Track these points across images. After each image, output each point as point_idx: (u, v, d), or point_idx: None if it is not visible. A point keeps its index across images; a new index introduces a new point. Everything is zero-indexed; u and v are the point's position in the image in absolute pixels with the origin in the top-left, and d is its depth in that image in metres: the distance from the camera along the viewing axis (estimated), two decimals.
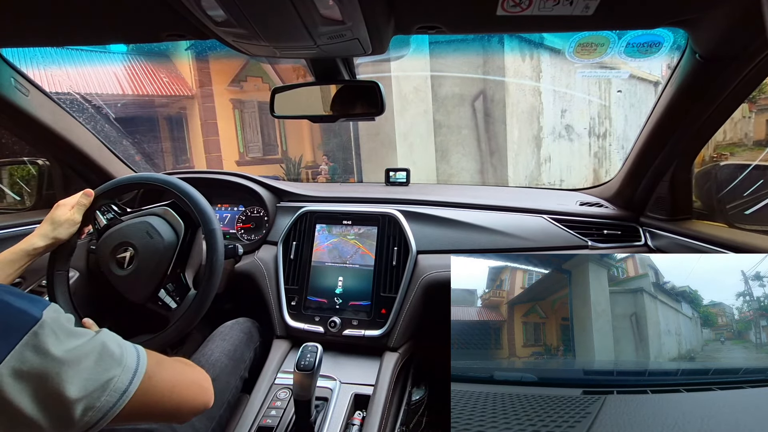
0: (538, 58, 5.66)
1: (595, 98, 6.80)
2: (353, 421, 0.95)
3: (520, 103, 5.61)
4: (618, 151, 7.25)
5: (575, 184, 6.08)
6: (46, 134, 1.20)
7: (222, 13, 0.63)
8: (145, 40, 0.93)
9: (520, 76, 5.57)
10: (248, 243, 1.37)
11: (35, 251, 0.84)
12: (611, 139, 7.24)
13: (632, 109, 7.51)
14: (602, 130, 7.06)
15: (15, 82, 1.08)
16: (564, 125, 6.37)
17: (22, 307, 0.46)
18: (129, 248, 0.91)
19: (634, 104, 7.52)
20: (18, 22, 0.83)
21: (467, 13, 0.72)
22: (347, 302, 1.18)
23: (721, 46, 0.78)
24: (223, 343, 1.02)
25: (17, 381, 0.42)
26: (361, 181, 5.83)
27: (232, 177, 1.45)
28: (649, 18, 0.74)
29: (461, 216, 1.26)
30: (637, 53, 1.05)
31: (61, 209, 0.88)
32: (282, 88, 1.02)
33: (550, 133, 6.12)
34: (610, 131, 7.20)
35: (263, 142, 8.38)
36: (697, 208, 1.15)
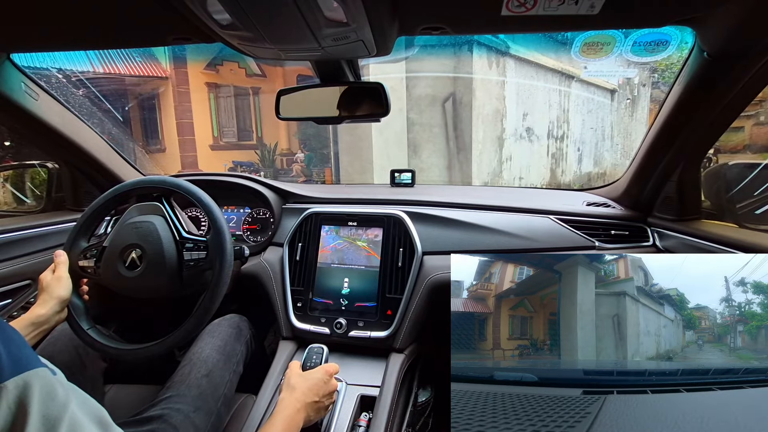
0: (504, 65, 6.11)
1: (554, 103, 7.37)
2: (359, 423, 0.95)
3: (485, 105, 6.00)
4: (574, 153, 7.86)
5: (533, 182, 6.71)
6: (55, 138, 1.22)
7: (227, 16, 0.64)
8: (152, 44, 0.94)
9: (486, 81, 5.99)
10: (254, 244, 1.38)
11: (38, 318, 0.81)
12: (568, 141, 7.83)
13: (590, 115, 8.28)
14: (560, 133, 7.62)
15: (25, 86, 1.10)
16: (525, 127, 6.88)
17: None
18: (138, 249, 0.92)
19: (592, 110, 8.30)
20: (27, 28, 0.84)
21: (472, 13, 0.72)
22: (353, 303, 1.18)
23: (728, 43, 0.77)
24: (212, 339, 1.02)
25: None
26: (338, 172, 6.07)
27: (238, 179, 1.45)
28: (655, 16, 0.74)
29: (467, 217, 1.25)
30: (644, 52, 1.04)
31: (44, 277, 0.87)
32: (287, 90, 1.02)
33: (512, 135, 6.59)
34: (567, 134, 7.77)
35: (238, 127, 8.35)
36: (705, 208, 1.14)
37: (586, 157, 8.51)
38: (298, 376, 0.81)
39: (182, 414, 0.83)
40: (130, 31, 0.85)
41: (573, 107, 7.80)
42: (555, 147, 7.59)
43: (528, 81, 6.65)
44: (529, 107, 6.88)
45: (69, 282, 0.88)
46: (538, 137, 7.17)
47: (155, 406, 0.84)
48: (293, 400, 0.76)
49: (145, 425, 0.79)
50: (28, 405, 0.41)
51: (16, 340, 0.45)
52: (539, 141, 7.21)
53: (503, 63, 6.15)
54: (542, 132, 7.23)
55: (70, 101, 1.25)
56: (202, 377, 0.92)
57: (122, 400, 1.04)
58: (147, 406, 0.84)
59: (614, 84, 8.53)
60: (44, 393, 0.43)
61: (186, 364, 0.94)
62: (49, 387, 0.43)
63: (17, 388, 0.41)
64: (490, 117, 6.11)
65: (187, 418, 0.83)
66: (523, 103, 6.75)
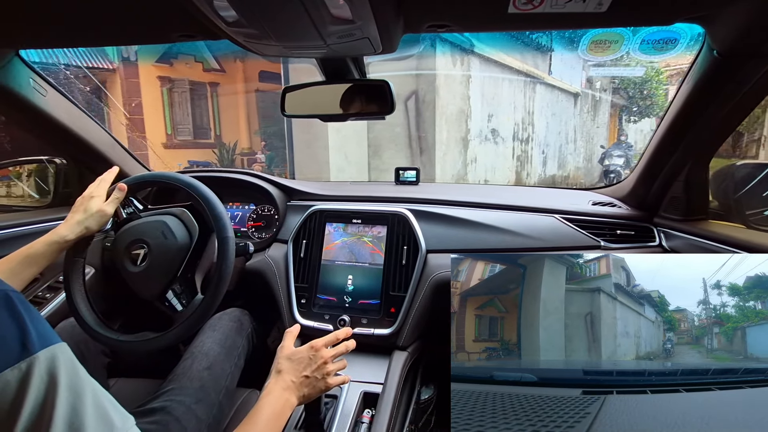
0: (468, 64, 5.98)
1: (519, 105, 7.35)
2: (362, 419, 0.96)
3: (449, 105, 5.90)
4: (539, 155, 7.94)
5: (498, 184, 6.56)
6: (62, 133, 1.23)
7: (233, 13, 0.64)
8: (158, 41, 0.94)
9: (450, 79, 5.86)
10: (259, 241, 1.38)
11: (66, 243, 0.86)
12: (533, 143, 7.88)
13: (554, 118, 8.32)
14: (525, 135, 7.65)
15: (33, 82, 1.11)
16: (490, 129, 6.83)
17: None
18: (143, 246, 0.93)
19: (556, 113, 8.36)
20: (35, 25, 0.85)
21: (478, 10, 0.71)
22: (356, 301, 1.18)
23: (739, 42, 0.76)
24: (213, 333, 1.03)
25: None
26: (292, 174, 5.79)
27: (244, 176, 1.46)
28: (664, 14, 0.73)
29: (471, 215, 1.25)
30: (653, 50, 1.03)
31: (95, 201, 0.89)
32: (292, 87, 1.02)
33: (477, 136, 6.50)
34: (532, 136, 7.80)
35: (194, 124, 7.82)
36: (713, 209, 1.13)
37: (550, 160, 8.53)
38: (284, 359, 0.80)
39: (184, 406, 0.84)
40: (136, 28, 0.85)
41: (538, 110, 7.80)
42: (520, 149, 7.59)
43: (494, 74, 6.49)
44: (494, 108, 6.80)
45: (107, 221, 0.90)
46: (504, 139, 7.13)
47: (157, 398, 0.85)
48: (280, 381, 0.75)
49: (148, 417, 0.80)
50: (57, 375, 0.44)
51: (40, 317, 0.48)
52: (504, 143, 7.17)
53: (467, 61, 6.01)
54: (507, 134, 7.21)
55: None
56: (204, 370, 0.93)
57: (125, 393, 1.05)
58: (149, 399, 0.85)
59: (577, 88, 8.68)
60: (69, 365, 0.46)
61: (187, 357, 0.95)
62: (71, 360, 0.47)
63: (47, 360, 0.44)
64: (454, 117, 6.00)
65: (189, 409, 0.84)
66: (488, 104, 6.65)
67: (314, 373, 0.78)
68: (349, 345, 0.84)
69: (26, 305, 0.47)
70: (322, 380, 0.79)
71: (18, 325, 0.45)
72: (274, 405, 0.71)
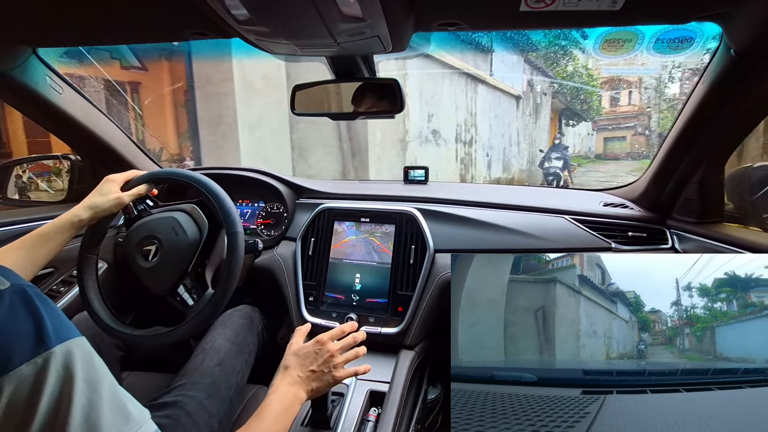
0: (404, 60, 5.54)
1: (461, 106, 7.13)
2: (368, 417, 0.96)
3: None
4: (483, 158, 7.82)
5: None
6: (78, 131, 1.25)
7: (245, 11, 0.64)
8: (170, 39, 0.95)
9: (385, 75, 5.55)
10: (268, 238, 1.39)
11: (80, 222, 0.88)
12: (477, 146, 7.70)
13: (497, 120, 8.14)
14: (468, 137, 7.47)
15: (50, 80, 1.13)
16: (431, 130, 6.55)
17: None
18: (155, 242, 0.94)
19: (499, 115, 8.18)
20: (52, 23, 0.86)
21: (489, 9, 0.71)
22: (364, 299, 1.18)
23: (757, 41, 0.74)
24: (224, 329, 1.04)
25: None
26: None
27: (253, 173, 1.47)
28: (679, 12, 0.71)
29: (480, 215, 1.24)
30: (667, 49, 1.01)
31: (112, 185, 0.92)
32: (302, 85, 1.03)
33: (417, 137, 6.19)
34: (476, 138, 7.62)
35: None
36: (728, 211, 1.10)
37: (495, 162, 8.39)
38: (291, 355, 0.80)
39: (195, 401, 0.85)
40: (149, 26, 0.86)
41: (480, 111, 7.62)
42: (464, 151, 7.44)
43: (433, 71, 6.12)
44: (434, 108, 6.53)
45: (120, 206, 0.92)
46: (446, 141, 6.89)
47: (170, 392, 0.86)
48: (286, 377, 0.76)
49: (160, 410, 0.81)
50: (73, 369, 0.45)
51: (57, 311, 0.48)
52: (447, 144, 6.95)
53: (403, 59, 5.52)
54: (450, 135, 6.98)
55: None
56: (215, 366, 0.94)
57: (137, 386, 1.06)
58: (162, 393, 0.87)
59: (519, 91, 8.57)
60: (85, 359, 0.46)
61: (199, 353, 0.97)
62: (88, 354, 0.47)
63: (63, 354, 0.45)
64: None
65: (200, 404, 0.85)
66: (428, 103, 6.37)
67: (321, 367, 0.78)
68: (359, 351, 0.84)
69: (43, 299, 0.48)
70: (329, 373, 0.79)
71: (34, 319, 0.45)
72: (282, 401, 0.72)
